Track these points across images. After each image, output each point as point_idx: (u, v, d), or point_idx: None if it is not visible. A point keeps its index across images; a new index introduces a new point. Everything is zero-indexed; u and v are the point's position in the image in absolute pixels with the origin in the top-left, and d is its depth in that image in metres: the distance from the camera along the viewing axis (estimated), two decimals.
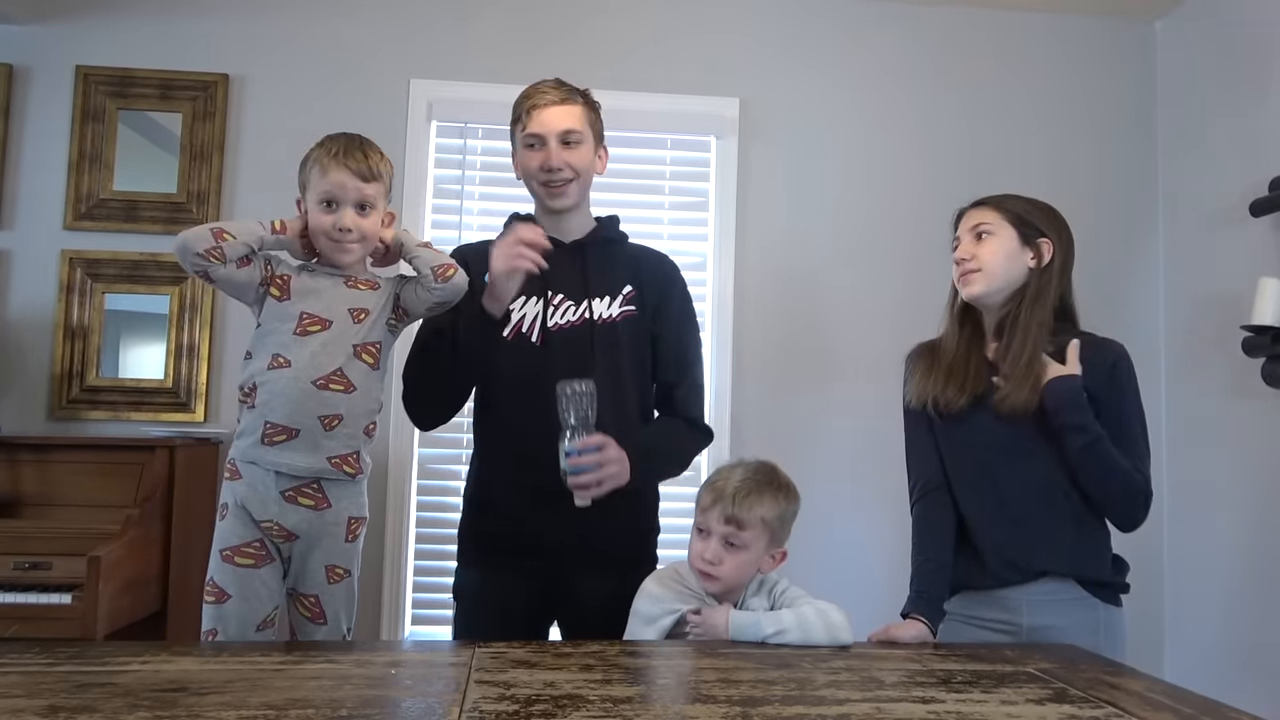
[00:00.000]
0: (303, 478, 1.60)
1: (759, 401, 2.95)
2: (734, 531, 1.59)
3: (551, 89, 1.84)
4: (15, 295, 2.81)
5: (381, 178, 1.68)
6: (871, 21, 3.10)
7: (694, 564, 1.63)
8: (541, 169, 1.82)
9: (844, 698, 1.23)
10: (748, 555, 1.61)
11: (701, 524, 1.64)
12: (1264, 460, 2.59)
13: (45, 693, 1.16)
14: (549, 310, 1.82)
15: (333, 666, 1.33)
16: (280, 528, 1.61)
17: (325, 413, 1.60)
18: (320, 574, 1.64)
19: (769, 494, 1.62)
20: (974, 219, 1.81)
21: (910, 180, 3.03)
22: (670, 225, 3.00)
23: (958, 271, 1.81)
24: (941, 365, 1.81)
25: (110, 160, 2.86)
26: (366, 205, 1.66)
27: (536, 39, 2.98)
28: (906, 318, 2.02)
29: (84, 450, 2.51)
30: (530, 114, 1.82)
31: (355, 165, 1.64)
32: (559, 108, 1.82)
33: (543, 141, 1.82)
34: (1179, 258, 3.02)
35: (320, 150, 1.67)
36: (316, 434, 1.60)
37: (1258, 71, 2.70)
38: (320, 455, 1.61)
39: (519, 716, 1.11)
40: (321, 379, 1.60)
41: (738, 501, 1.59)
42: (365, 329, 1.66)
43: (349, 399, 1.62)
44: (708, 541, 1.61)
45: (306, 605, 1.66)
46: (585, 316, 1.83)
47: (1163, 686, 1.37)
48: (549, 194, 1.84)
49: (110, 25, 2.89)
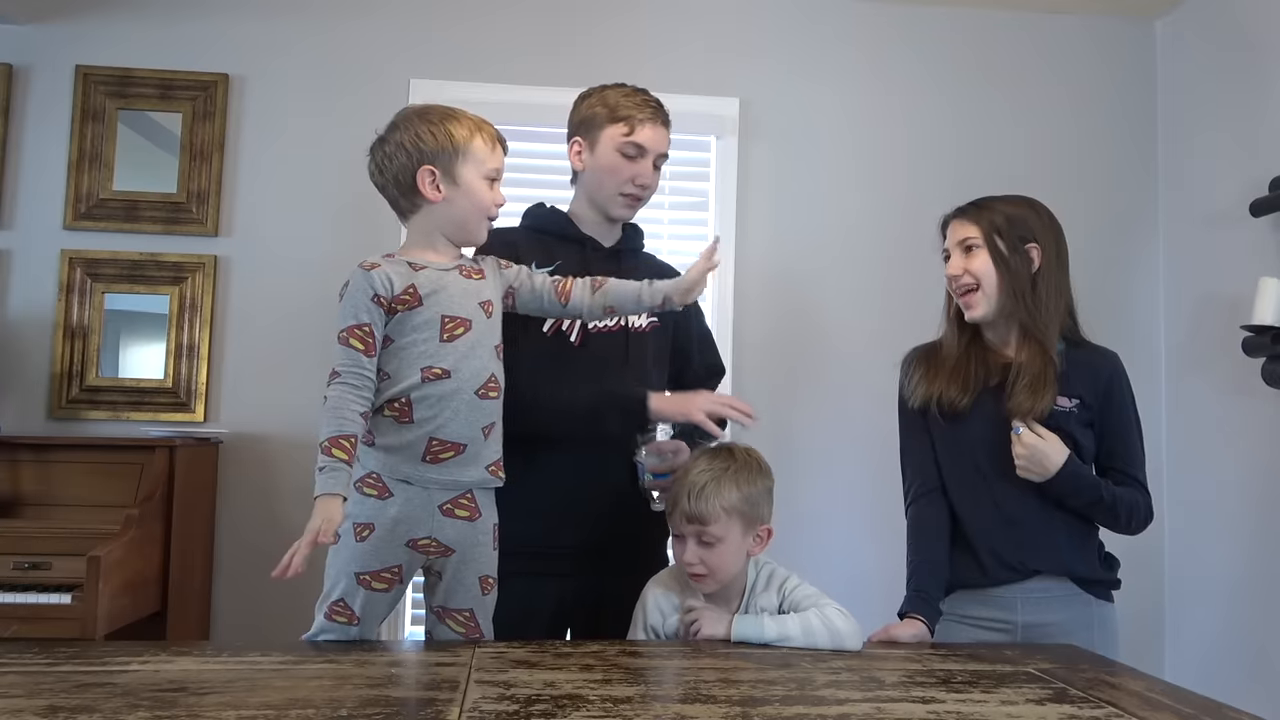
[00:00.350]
0: (460, 491, 1.53)
1: (758, 401, 2.91)
2: (701, 529, 1.57)
3: (659, 107, 1.88)
4: (15, 295, 2.81)
5: None
6: (871, 22, 3.09)
7: (682, 569, 1.63)
8: (635, 182, 1.85)
9: (844, 698, 1.23)
10: (725, 547, 1.58)
11: (674, 528, 1.63)
12: (1264, 460, 2.59)
13: (45, 693, 1.16)
14: None
15: (333, 666, 1.33)
16: (437, 543, 1.52)
17: (486, 422, 1.54)
18: (475, 586, 1.57)
19: (726, 482, 1.58)
20: (959, 232, 1.80)
21: (910, 180, 3.03)
22: (670, 225, 3.00)
23: (955, 289, 1.81)
24: (945, 367, 1.82)
25: (110, 160, 2.86)
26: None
27: (537, 39, 2.98)
28: (906, 318, 2.03)
29: (84, 450, 2.52)
30: (642, 124, 1.84)
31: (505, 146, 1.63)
32: (665, 130, 1.88)
33: (644, 155, 1.85)
34: (1179, 258, 3.02)
35: (475, 126, 1.58)
36: (479, 445, 1.54)
37: (1258, 71, 2.70)
38: (480, 465, 1.55)
39: (519, 716, 1.11)
40: (480, 388, 1.53)
41: (694, 499, 1.57)
42: (496, 323, 1.60)
43: (498, 404, 1.57)
44: (684, 544, 1.60)
45: (460, 620, 1.58)
46: (621, 324, 1.85)
47: (1163, 686, 1.37)
48: (626, 206, 1.88)
49: (110, 25, 2.89)
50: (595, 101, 1.87)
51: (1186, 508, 2.90)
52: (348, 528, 1.48)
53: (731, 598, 1.63)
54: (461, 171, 1.55)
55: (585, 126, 1.88)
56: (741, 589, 1.64)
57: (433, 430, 1.49)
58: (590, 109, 1.87)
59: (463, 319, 1.53)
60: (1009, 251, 1.75)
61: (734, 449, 1.65)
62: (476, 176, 1.56)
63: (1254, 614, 2.61)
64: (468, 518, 1.54)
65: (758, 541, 1.63)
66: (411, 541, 1.51)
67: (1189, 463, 2.91)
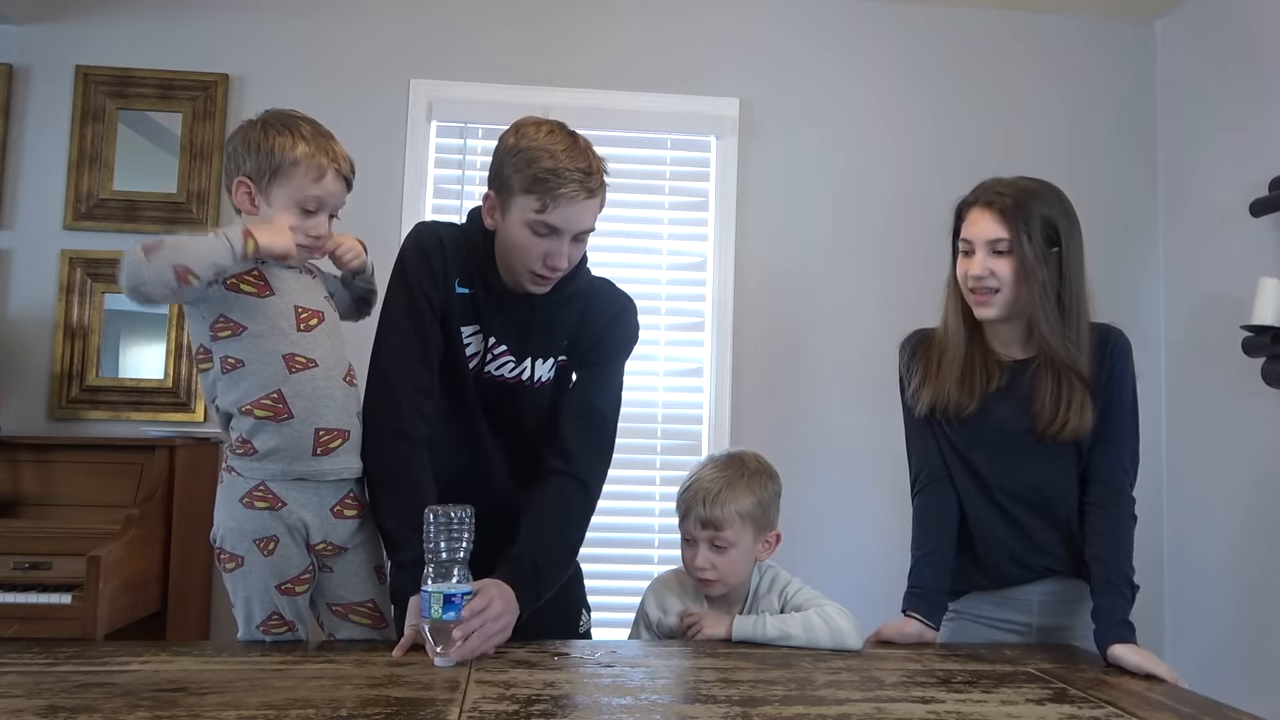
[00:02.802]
0: (345, 490, 1.51)
1: (759, 401, 2.95)
2: (715, 534, 1.58)
3: (586, 175, 1.53)
4: (15, 295, 2.81)
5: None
6: (871, 22, 3.10)
7: (690, 572, 1.62)
8: (545, 262, 1.56)
9: (844, 698, 1.23)
10: (737, 552, 1.59)
11: (685, 533, 1.62)
12: (1264, 460, 2.59)
13: (45, 693, 1.17)
14: (486, 356, 1.65)
15: (333, 666, 1.33)
16: (331, 546, 1.51)
17: (357, 408, 1.53)
18: (372, 577, 1.56)
19: (740, 487, 1.59)
20: (988, 229, 1.66)
21: (910, 180, 3.03)
22: (670, 225, 3.01)
23: (973, 287, 1.68)
24: (951, 370, 1.73)
25: (110, 160, 2.86)
26: (336, 213, 1.53)
27: (537, 39, 2.98)
28: (906, 317, 2.01)
29: (84, 450, 2.51)
30: (557, 203, 1.51)
31: (348, 174, 1.51)
32: (592, 202, 1.55)
33: (559, 235, 1.54)
34: (1179, 258, 3.02)
35: (312, 148, 1.46)
36: (359, 431, 1.51)
37: (1257, 71, 2.70)
38: (358, 455, 1.52)
39: (519, 716, 1.11)
40: (345, 375, 1.51)
41: (709, 504, 1.57)
42: (338, 318, 1.57)
43: (360, 391, 1.55)
44: (695, 549, 1.60)
45: (365, 613, 1.55)
46: (521, 376, 1.66)
47: (1163, 686, 1.37)
48: (535, 283, 1.59)
49: (110, 25, 2.89)
50: (516, 157, 1.53)
51: (1186, 508, 2.90)
52: (249, 547, 1.45)
53: (734, 602, 1.64)
54: (275, 191, 1.46)
55: (499, 182, 1.57)
56: (745, 594, 1.64)
57: (314, 420, 1.45)
58: (508, 166, 1.54)
59: (314, 310, 1.49)
60: (1035, 259, 1.63)
61: (743, 455, 1.66)
62: (287, 201, 1.46)
63: (1254, 614, 2.61)
64: (356, 515, 1.52)
65: (766, 547, 1.64)
66: (312, 545, 1.50)
67: (1189, 462, 2.91)
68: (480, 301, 1.62)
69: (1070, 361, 1.65)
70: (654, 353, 2.95)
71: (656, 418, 2.95)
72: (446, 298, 1.61)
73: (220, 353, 1.45)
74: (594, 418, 1.67)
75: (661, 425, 2.96)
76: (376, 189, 2.85)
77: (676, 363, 2.99)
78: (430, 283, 1.59)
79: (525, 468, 1.66)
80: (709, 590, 1.61)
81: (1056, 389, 1.66)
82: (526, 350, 1.65)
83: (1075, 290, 1.66)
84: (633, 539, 2.90)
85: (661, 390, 2.96)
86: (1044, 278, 1.63)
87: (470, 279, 1.62)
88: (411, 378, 1.58)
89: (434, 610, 1.33)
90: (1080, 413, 1.64)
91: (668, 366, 2.98)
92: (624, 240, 2.95)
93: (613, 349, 1.71)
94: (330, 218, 1.51)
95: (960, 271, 1.72)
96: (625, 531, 2.89)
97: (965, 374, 1.72)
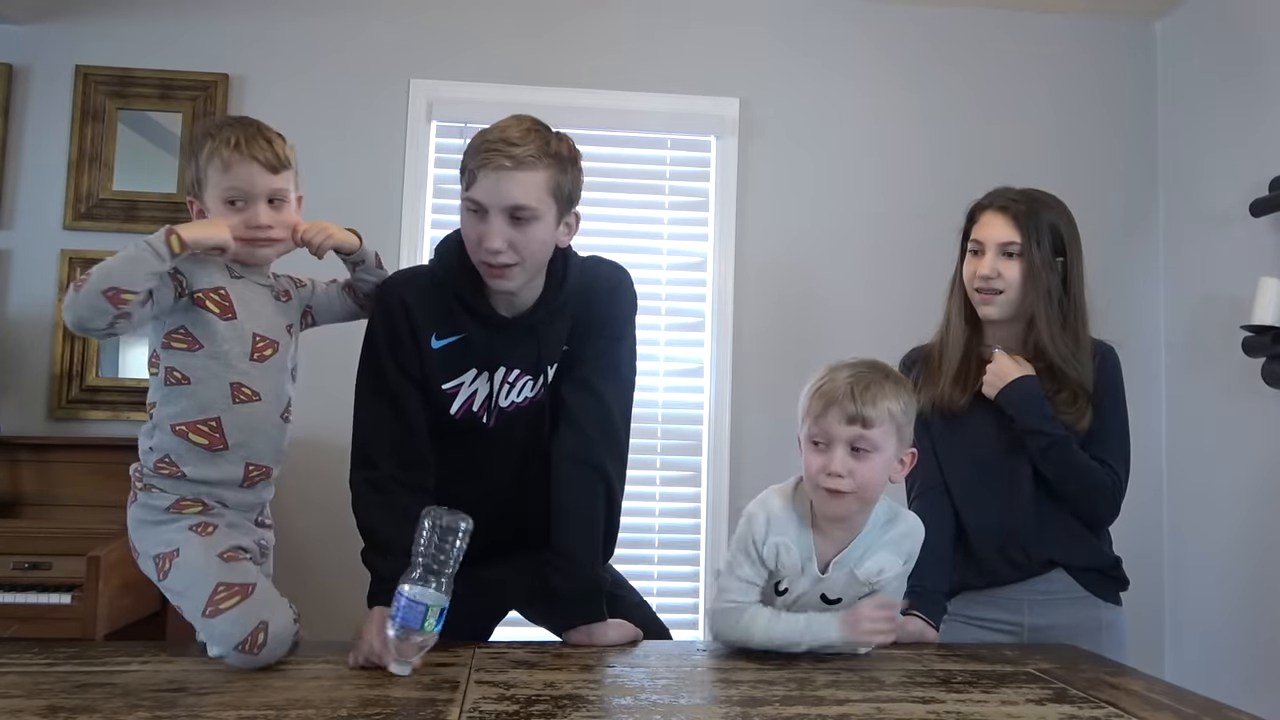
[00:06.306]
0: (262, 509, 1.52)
1: (759, 401, 2.94)
2: (860, 434, 1.37)
3: (509, 145, 1.41)
4: (15, 295, 2.81)
5: (291, 164, 1.47)
6: (871, 21, 3.10)
7: (817, 482, 1.39)
8: (482, 246, 1.44)
9: (844, 698, 1.23)
10: (880, 458, 1.38)
11: (817, 435, 1.40)
12: (1264, 460, 2.59)
13: (45, 693, 1.17)
14: (502, 388, 1.57)
15: (333, 667, 1.33)
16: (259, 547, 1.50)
17: (286, 444, 1.51)
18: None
19: (889, 385, 1.40)
20: (1001, 232, 1.72)
21: (910, 180, 3.03)
22: (670, 225, 3.01)
23: (979, 287, 1.74)
24: (946, 368, 1.79)
25: (110, 160, 2.86)
26: (277, 199, 1.45)
27: (537, 39, 2.98)
28: (907, 317, 2.02)
29: (84, 450, 2.52)
30: (474, 175, 1.43)
31: (262, 155, 1.42)
32: (515, 174, 1.41)
33: (484, 212, 1.44)
34: (1179, 258, 3.02)
35: (215, 142, 1.41)
36: (280, 468, 1.51)
37: (1257, 71, 2.70)
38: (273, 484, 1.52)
39: (519, 716, 1.11)
40: (283, 411, 1.49)
41: (859, 397, 1.36)
42: (294, 348, 1.53)
43: (290, 428, 1.53)
44: (830, 453, 1.38)
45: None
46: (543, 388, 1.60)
47: (1163, 686, 1.37)
48: (489, 276, 1.48)
49: (110, 25, 2.89)
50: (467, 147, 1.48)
51: (1186, 508, 2.90)
52: (185, 537, 1.37)
53: (854, 530, 1.45)
54: (205, 196, 1.44)
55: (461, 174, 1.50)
56: (862, 522, 1.46)
57: (247, 455, 1.43)
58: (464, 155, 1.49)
59: (271, 340, 1.46)
60: (1043, 264, 1.71)
61: (879, 361, 1.46)
62: (215, 201, 1.43)
63: (1254, 614, 2.61)
64: (272, 525, 1.55)
65: (901, 465, 1.44)
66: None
67: (1189, 463, 2.91)
68: (475, 341, 1.54)
69: (1066, 365, 1.71)
70: (654, 353, 2.95)
71: (656, 418, 2.94)
72: (422, 359, 1.53)
73: (168, 362, 1.41)
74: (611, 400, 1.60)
75: (661, 425, 2.95)
76: (376, 189, 2.85)
77: (676, 363, 2.99)
78: (400, 350, 1.52)
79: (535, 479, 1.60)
80: (835, 506, 1.39)
81: (1055, 392, 1.71)
82: (542, 363, 1.58)
83: (1077, 300, 1.75)
84: (633, 539, 2.89)
85: (661, 390, 2.96)
86: (1049, 283, 1.72)
87: (455, 324, 1.53)
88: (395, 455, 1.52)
89: (427, 623, 1.26)
90: (1079, 416, 1.70)
91: (668, 366, 2.98)
92: (624, 240, 2.94)
93: (620, 322, 1.64)
94: (273, 205, 1.45)
95: (968, 271, 1.78)
96: (625, 531, 2.86)
97: (961, 371, 1.78)
